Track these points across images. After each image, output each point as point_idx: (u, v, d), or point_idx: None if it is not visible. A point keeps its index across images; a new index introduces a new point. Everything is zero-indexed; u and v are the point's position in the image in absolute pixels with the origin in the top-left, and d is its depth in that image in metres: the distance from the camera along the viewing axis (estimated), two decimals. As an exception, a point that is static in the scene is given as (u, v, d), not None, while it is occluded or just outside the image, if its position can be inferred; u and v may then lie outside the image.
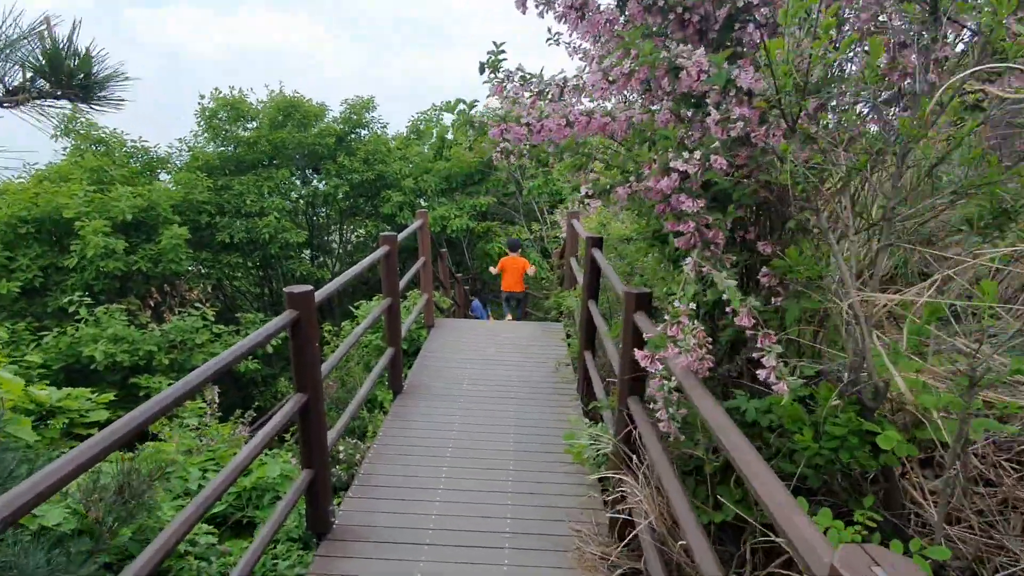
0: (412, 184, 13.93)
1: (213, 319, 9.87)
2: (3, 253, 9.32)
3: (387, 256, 4.55)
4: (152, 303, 10.39)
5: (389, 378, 5.03)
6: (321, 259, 16.42)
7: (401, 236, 4.95)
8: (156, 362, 9.08)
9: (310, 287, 2.52)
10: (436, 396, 4.86)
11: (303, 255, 15.31)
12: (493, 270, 8.34)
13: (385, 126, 15.52)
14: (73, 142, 11.45)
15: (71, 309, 8.49)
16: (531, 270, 7.90)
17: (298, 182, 14.37)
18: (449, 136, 15.75)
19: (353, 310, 7.67)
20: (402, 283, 5.16)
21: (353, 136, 15.21)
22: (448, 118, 15.11)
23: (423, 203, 14.12)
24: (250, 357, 10.45)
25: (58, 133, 11.45)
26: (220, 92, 13.05)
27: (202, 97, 12.95)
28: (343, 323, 7.79)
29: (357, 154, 14.44)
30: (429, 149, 15.14)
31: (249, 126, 13.80)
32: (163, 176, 12.95)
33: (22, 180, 10.85)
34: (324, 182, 14.07)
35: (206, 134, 13.20)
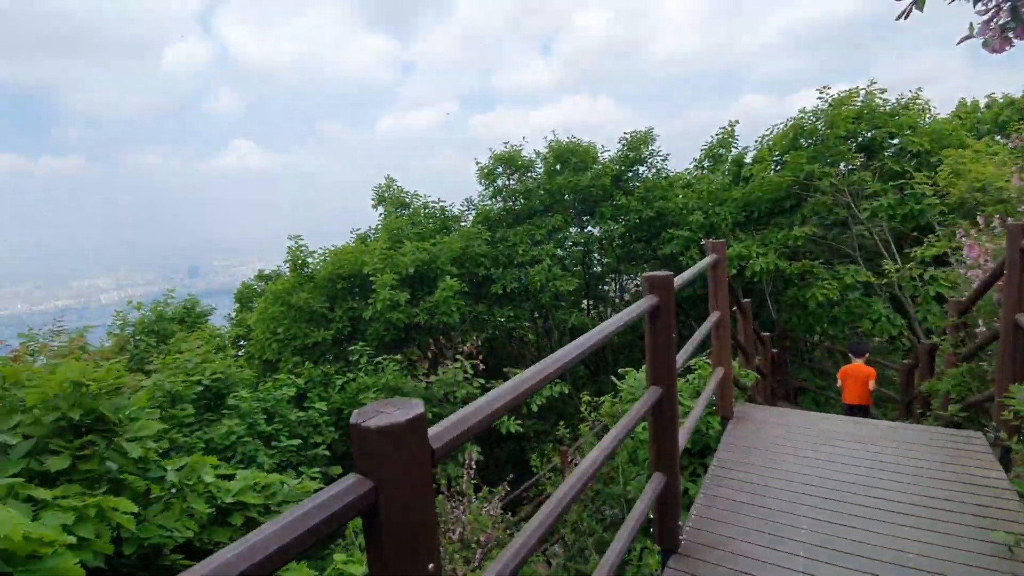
0: (701, 219, 11.50)
1: (473, 373, 9.28)
2: (324, 305, 10.63)
3: (653, 314, 2.52)
4: (430, 354, 10.50)
5: (655, 525, 2.81)
6: (598, 308, 15.20)
7: (681, 279, 2.91)
8: (423, 417, 8.82)
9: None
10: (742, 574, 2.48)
11: (582, 304, 14.30)
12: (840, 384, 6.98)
13: (665, 158, 13.62)
14: (385, 208, 13.03)
15: (353, 358, 8.85)
16: (872, 384, 6.62)
17: (572, 229, 13.53)
18: (747, 161, 12.85)
19: (615, 380, 5.70)
20: (681, 357, 2.97)
21: (631, 174, 13.76)
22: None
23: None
24: (512, 417, 9.46)
25: (374, 201, 13.17)
26: (494, 150, 13.35)
27: (477, 162, 13.48)
28: (600, 398, 5.87)
29: (635, 193, 12.88)
30: (724, 177, 12.50)
31: (527, 176, 13.70)
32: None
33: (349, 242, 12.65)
34: (598, 226, 12.85)
35: (488, 191, 13.58)
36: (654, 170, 13.71)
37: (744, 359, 6.07)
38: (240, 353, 11.47)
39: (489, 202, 13.63)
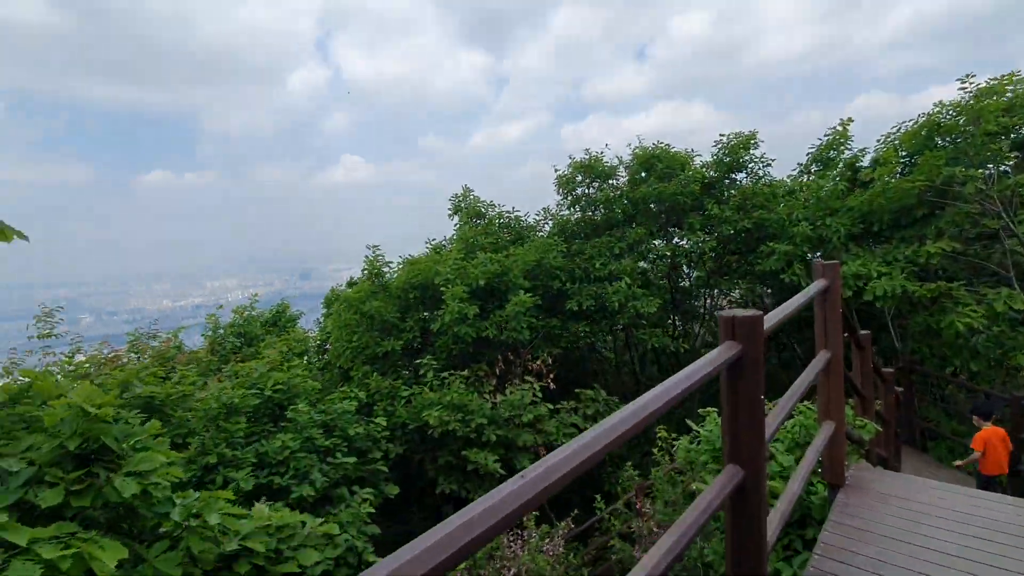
0: (807, 230, 10.10)
1: (540, 396, 8.68)
2: (396, 315, 10.53)
3: (733, 368, 1.91)
4: (498, 371, 10.05)
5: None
6: (684, 327, 13.98)
7: (775, 318, 2.33)
8: (485, 436, 8.36)
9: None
10: None
11: (668, 321, 13.21)
12: (976, 454, 5.83)
13: (768, 164, 12.22)
14: (460, 218, 12.81)
15: (421, 371, 8.58)
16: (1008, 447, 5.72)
17: (657, 241, 12.51)
18: (864, 164, 11.19)
19: (691, 425, 4.85)
20: (775, 420, 2.22)
21: (726, 181, 12.52)
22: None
23: (821, 257, 10.03)
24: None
25: (451, 211, 13.01)
26: (574, 158, 12.65)
27: (556, 170, 12.82)
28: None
29: (729, 201, 11.65)
30: (835, 183, 10.96)
31: (608, 185, 12.90)
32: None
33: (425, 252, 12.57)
34: (686, 238, 11.76)
35: (566, 200, 12.93)
36: (754, 177, 12.36)
37: (860, 404, 4.95)
38: (322, 358, 11.70)
39: (567, 212, 12.99)
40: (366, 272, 11.05)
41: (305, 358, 11.50)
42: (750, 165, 12.22)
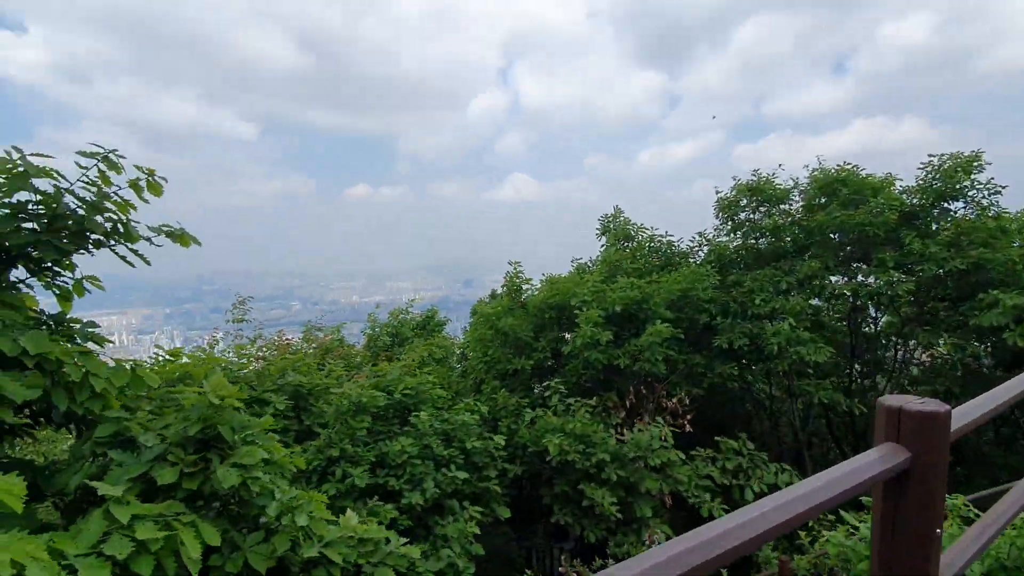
0: (1050, 279, 7.81)
1: (672, 442, 7.84)
2: (530, 333, 10.48)
3: (895, 484, 1.42)
4: (628, 403, 9.39)
5: None
6: (864, 381, 11.75)
7: (971, 414, 1.72)
8: (606, 474, 7.80)
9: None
10: None
11: (844, 371, 11.25)
12: None
13: (997, 191, 9.76)
14: (607, 239, 12.35)
15: (546, 394, 8.35)
16: None
17: (835, 277, 10.71)
18: None
19: (845, 517, 3.84)
20: (983, 532, 1.55)
21: (936, 211, 10.30)
22: None
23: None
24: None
25: (599, 231, 12.64)
26: (738, 179, 11.37)
27: (717, 192, 11.64)
28: None
29: (938, 236, 9.54)
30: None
31: (778, 210, 11.44)
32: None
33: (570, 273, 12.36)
34: (875, 276, 9.87)
35: (725, 225, 11.72)
36: (976, 208, 9.97)
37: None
38: (463, 365, 12.14)
39: (725, 238, 11.80)
40: (505, 288, 11.20)
41: (447, 363, 12.03)
42: (970, 193, 9.87)
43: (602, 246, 12.42)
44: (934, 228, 10.00)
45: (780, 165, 11.40)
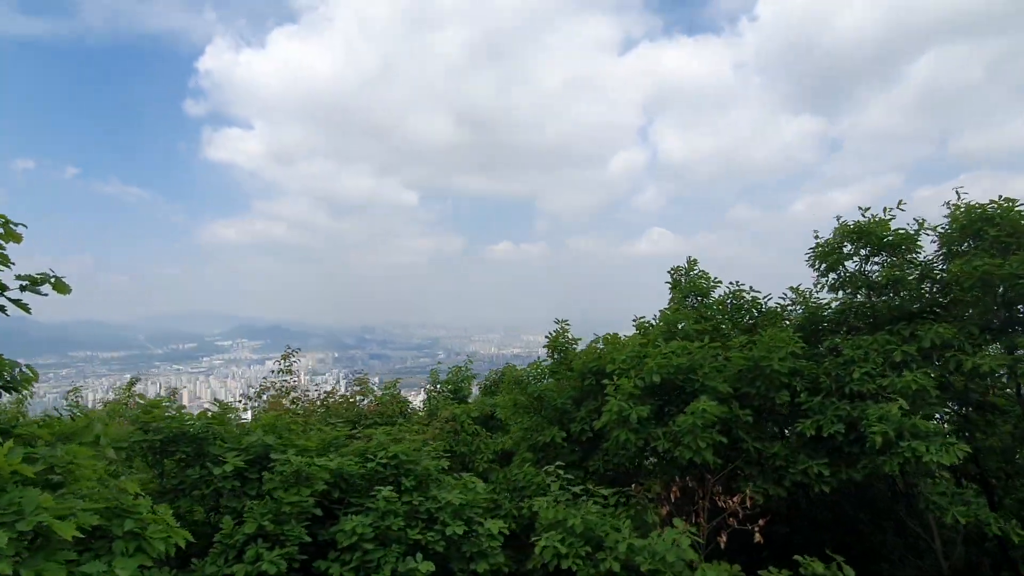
0: None
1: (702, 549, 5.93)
2: (569, 400, 9.21)
3: None
4: (672, 497, 7.57)
5: None
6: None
7: None
8: (620, 592, 6.15)
9: None
10: None
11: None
12: None
13: None
14: (674, 295, 10.63)
15: (548, 481, 7.05)
16: None
17: (986, 347, 7.82)
18: None
19: None
20: None
21: None
22: None
23: None
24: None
25: (670, 284, 11.02)
26: (843, 220, 9.03)
27: (816, 237, 9.33)
28: None
29: None
30: None
31: (904, 258, 8.90)
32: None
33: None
34: None
35: (825, 278, 9.37)
36: None
37: None
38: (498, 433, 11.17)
39: (824, 295, 9.46)
40: (548, 349, 10.11)
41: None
42: None
43: (669, 303, 10.70)
44: None
45: (900, 203, 8.81)
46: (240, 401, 10.30)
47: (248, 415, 9.77)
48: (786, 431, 8.88)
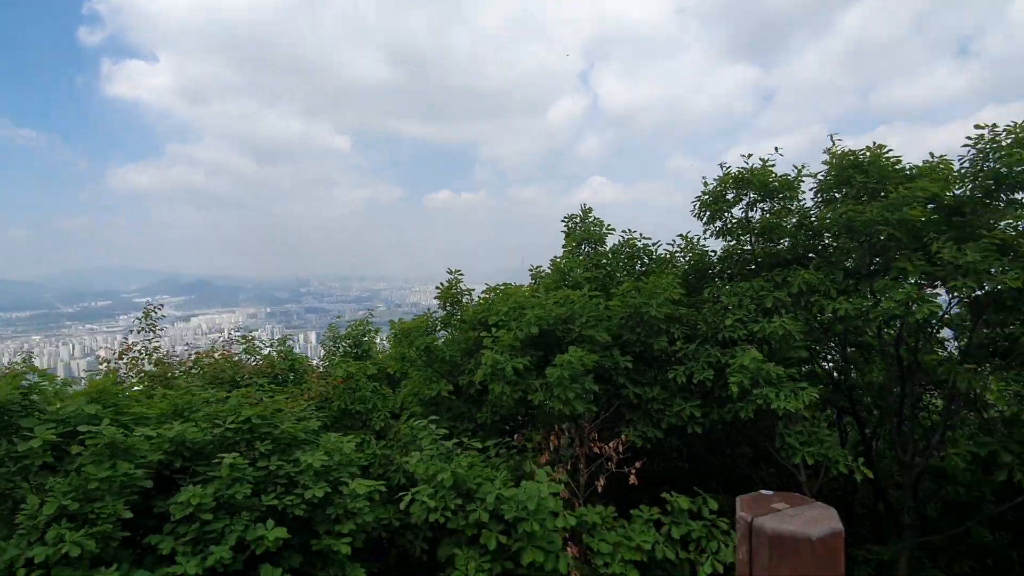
0: None
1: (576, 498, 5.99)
2: (458, 353, 8.97)
3: None
4: (552, 445, 7.61)
5: None
6: (886, 432, 8.95)
7: None
8: (483, 539, 6.13)
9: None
10: None
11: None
12: None
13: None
14: (567, 243, 10.41)
15: (419, 436, 6.84)
16: None
17: (843, 296, 8.15)
18: None
19: None
20: None
21: (992, 202, 7.56)
22: None
23: None
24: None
25: (565, 234, 10.81)
26: (729, 166, 8.98)
27: (705, 183, 9.27)
28: None
29: (982, 240, 6.86)
30: None
31: (783, 206, 9.03)
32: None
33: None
34: (888, 294, 7.31)
35: (711, 226, 9.40)
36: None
37: None
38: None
39: (711, 241, 9.55)
40: (439, 302, 9.75)
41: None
42: (1045, 178, 7.06)
43: (563, 251, 10.52)
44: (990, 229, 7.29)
45: (777, 149, 8.85)
46: (104, 364, 9.37)
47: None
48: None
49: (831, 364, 11.82)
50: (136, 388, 8.41)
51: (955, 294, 6.93)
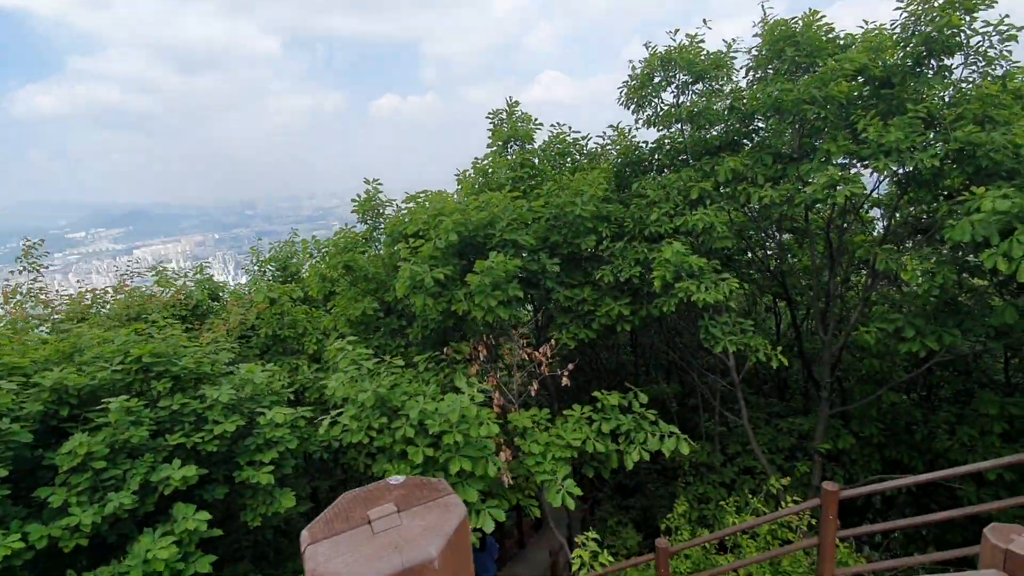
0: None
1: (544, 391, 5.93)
2: (382, 269, 8.49)
3: None
4: (481, 355, 7.47)
5: None
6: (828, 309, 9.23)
7: None
8: (411, 454, 6.09)
9: None
10: None
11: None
12: None
13: (1012, 34, 6.54)
14: (493, 142, 9.66)
15: (339, 352, 6.53)
16: None
17: (769, 183, 7.90)
18: None
19: None
20: None
21: (921, 71, 7.21)
22: None
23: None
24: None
25: (490, 132, 10.01)
26: (655, 46, 8.22)
27: (632, 67, 8.47)
28: None
29: (905, 113, 6.58)
30: None
31: (710, 87, 8.45)
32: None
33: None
34: (812, 177, 7.09)
35: (640, 114, 8.80)
36: (980, 63, 6.83)
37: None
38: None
39: (645, 132, 9.01)
40: (358, 215, 9.06)
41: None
42: (973, 41, 6.68)
43: (488, 151, 9.78)
44: (945, 93, 6.99)
45: (705, 21, 8.10)
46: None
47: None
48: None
49: (769, 252, 11.97)
50: (35, 333, 7.69)
51: (879, 174, 6.76)
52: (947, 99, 7.02)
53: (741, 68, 8.47)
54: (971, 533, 8.06)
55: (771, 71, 8.13)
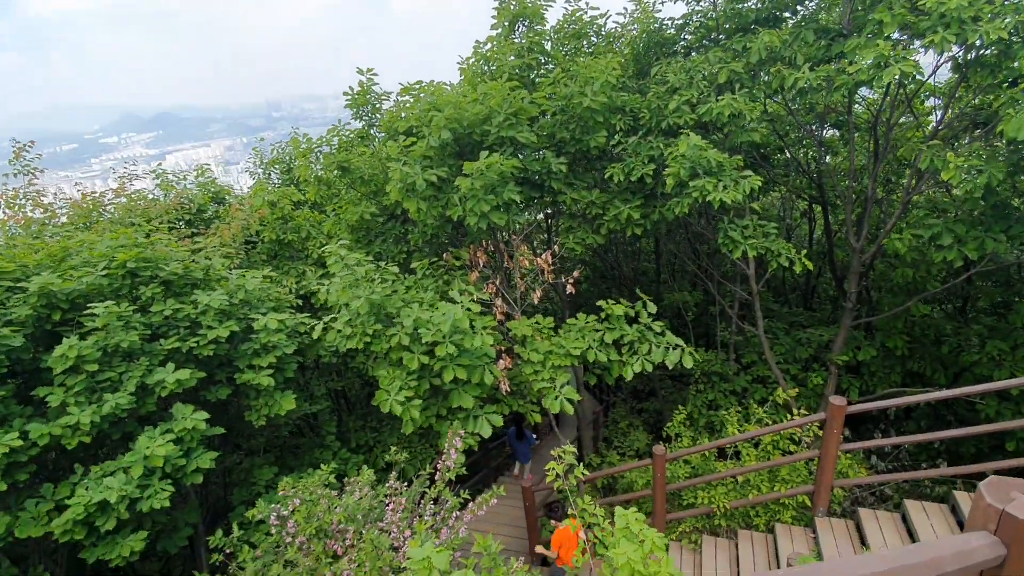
0: None
1: (547, 301, 5.70)
2: (377, 171, 8.01)
3: None
4: (481, 262, 7.15)
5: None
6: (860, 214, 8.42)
7: None
8: (407, 360, 6.01)
9: None
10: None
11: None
12: None
13: None
14: (499, 25, 8.57)
15: (327, 257, 6.31)
16: None
17: (808, 64, 6.84)
18: None
19: None
20: None
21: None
22: None
23: None
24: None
25: (495, 7, 8.88)
26: None
27: None
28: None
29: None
30: None
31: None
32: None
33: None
34: (859, 56, 6.05)
35: None
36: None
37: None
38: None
39: (667, 3, 7.82)
40: (352, 110, 8.42)
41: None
42: None
43: (495, 36, 8.73)
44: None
45: None
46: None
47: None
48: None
49: (811, 153, 10.88)
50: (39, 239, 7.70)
51: (936, 52, 5.70)
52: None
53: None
54: (986, 445, 7.82)
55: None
